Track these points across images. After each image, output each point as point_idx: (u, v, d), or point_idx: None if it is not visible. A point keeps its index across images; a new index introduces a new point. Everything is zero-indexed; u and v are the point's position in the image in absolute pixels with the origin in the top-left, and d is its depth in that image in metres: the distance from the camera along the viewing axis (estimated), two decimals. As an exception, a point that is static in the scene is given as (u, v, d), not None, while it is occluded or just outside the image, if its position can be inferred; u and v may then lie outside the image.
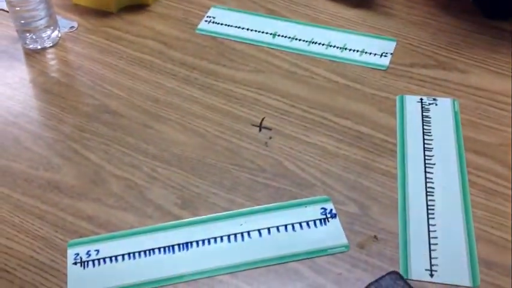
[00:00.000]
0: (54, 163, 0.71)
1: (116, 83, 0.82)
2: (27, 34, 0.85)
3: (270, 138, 0.74)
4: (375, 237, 0.63)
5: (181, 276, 0.59)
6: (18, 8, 0.82)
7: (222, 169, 0.70)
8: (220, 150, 0.73)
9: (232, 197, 0.67)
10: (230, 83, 0.81)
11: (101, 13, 0.93)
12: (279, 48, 0.87)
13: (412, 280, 0.59)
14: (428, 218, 0.64)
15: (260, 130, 0.75)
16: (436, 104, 0.77)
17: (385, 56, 0.84)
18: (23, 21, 0.84)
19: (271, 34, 0.89)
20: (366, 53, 0.85)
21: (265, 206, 0.66)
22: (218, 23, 0.91)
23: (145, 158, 0.72)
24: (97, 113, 0.77)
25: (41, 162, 0.71)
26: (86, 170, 0.70)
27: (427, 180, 0.68)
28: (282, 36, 0.88)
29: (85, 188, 0.68)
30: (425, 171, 0.69)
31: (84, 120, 0.76)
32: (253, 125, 0.75)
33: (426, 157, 0.70)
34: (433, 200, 0.66)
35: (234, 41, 0.88)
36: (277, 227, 0.63)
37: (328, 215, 0.64)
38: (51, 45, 0.87)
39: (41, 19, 0.84)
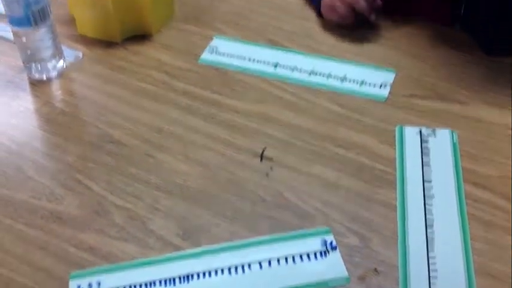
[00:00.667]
0: (57, 193, 0.72)
1: (119, 112, 0.83)
2: (33, 64, 0.87)
3: (271, 168, 0.75)
4: (375, 269, 0.63)
5: (182, 309, 0.60)
6: (24, 39, 0.84)
7: (224, 199, 0.71)
8: (221, 180, 0.73)
9: (233, 228, 0.68)
10: (232, 113, 0.82)
11: (106, 43, 0.95)
12: (280, 79, 0.88)
13: (412, 313, 0.59)
14: (428, 250, 0.64)
15: (261, 160, 0.76)
16: (435, 136, 0.77)
17: (384, 87, 0.86)
18: (29, 52, 0.85)
19: (272, 65, 0.90)
20: (365, 84, 0.86)
21: (266, 237, 0.66)
22: (221, 54, 0.93)
23: (148, 188, 0.72)
24: (100, 142, 0.78)
25: (44, 193, 0.72)
26: (88, 200, 0.71)
27: (427, 211, 0.68)
28: (283, 67, 0.90)
29: (87, 219, 0.69)
30: (425, 203, 0.69)
31: (88, 150, 0.77)
32: (254, 156, 0.76)
33: (425, 188, 0.71)
34: (433, 232, 0.66)
35: (236, 71, 0.90)
36: (278, 259, 0.64)
37: (329, 247, 0.65)
38: (56, 75, 0.88)
39: (47, 50, 0.86)
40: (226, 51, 0.93)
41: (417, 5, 0.96)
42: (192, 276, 0.62)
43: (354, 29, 0.96)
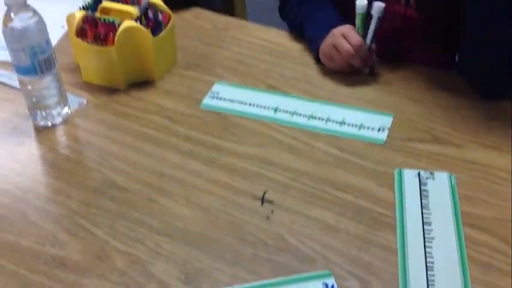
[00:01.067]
0: (60, 238, 0.72)
1: (122, 158, 0.84)
2: (38, 111, 0.88)
3: (272, 211, 0.75)
4: (376, 313, 0.63)
5: None
6: (30, 87, 0.86)
7: (225, 243, 0.71)
8: (222, 224, 0.74)
9: (234, 271, 0.68)
10: (233, 157, 0.84)
11: (110, 90, 0.97)
12: (280, 123, 0.90)
13: None
14: (428, 294, 0.65)
15: (262, 203, 0.77)
16: (433, 179, 0.78)
17: (382, 130, 0.87)
18: (34, 99, 0.87)
19: (272, 109, 0.92)
20: (364, 127, 0.88)
21: (268, 281, 0.67)
22: (222, 99, 0.95)
23: (150, 233, 0.73)
24: (104, 188, 0.79)
25: (47, 238, 0.72)
26: (91, 246, 0.71)
27: (427, 254, 0.69)
28: (283, 111, 0.92)
29: (90, 264, 0.69)
30: (425, 246, 0.70)
31: (91, 195, 0.78)
32: (255, 199, 0.77)
33: (425, 231, 0.71)
34: (433, 275, 0.66)
35: (237, 116, 0.91)
36: (279, 303, 0.64)
37: (330, 291, 0.65)
38: (61, 121, 0.90)
39: (52, 97, 0.88)
40: (227, 96, 0.95)
41: (414, 55, 0.99)
42: (194, 321, 0.62)
43: (352, 74, 0.98)
